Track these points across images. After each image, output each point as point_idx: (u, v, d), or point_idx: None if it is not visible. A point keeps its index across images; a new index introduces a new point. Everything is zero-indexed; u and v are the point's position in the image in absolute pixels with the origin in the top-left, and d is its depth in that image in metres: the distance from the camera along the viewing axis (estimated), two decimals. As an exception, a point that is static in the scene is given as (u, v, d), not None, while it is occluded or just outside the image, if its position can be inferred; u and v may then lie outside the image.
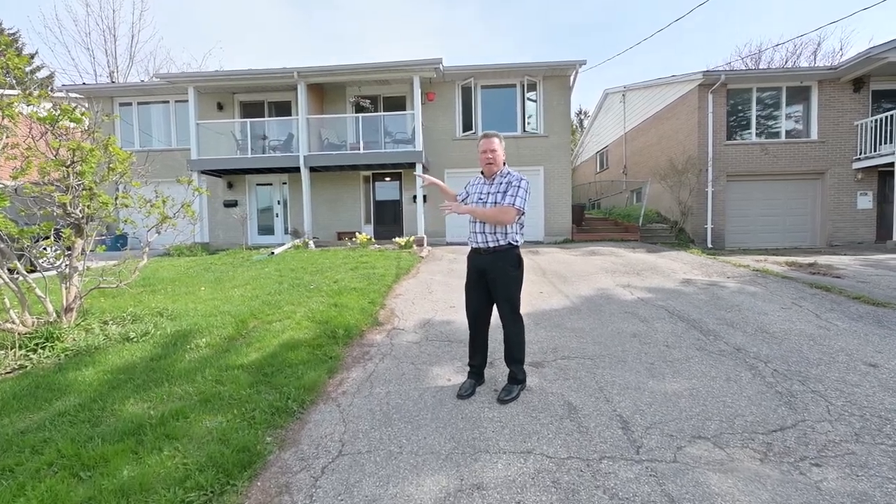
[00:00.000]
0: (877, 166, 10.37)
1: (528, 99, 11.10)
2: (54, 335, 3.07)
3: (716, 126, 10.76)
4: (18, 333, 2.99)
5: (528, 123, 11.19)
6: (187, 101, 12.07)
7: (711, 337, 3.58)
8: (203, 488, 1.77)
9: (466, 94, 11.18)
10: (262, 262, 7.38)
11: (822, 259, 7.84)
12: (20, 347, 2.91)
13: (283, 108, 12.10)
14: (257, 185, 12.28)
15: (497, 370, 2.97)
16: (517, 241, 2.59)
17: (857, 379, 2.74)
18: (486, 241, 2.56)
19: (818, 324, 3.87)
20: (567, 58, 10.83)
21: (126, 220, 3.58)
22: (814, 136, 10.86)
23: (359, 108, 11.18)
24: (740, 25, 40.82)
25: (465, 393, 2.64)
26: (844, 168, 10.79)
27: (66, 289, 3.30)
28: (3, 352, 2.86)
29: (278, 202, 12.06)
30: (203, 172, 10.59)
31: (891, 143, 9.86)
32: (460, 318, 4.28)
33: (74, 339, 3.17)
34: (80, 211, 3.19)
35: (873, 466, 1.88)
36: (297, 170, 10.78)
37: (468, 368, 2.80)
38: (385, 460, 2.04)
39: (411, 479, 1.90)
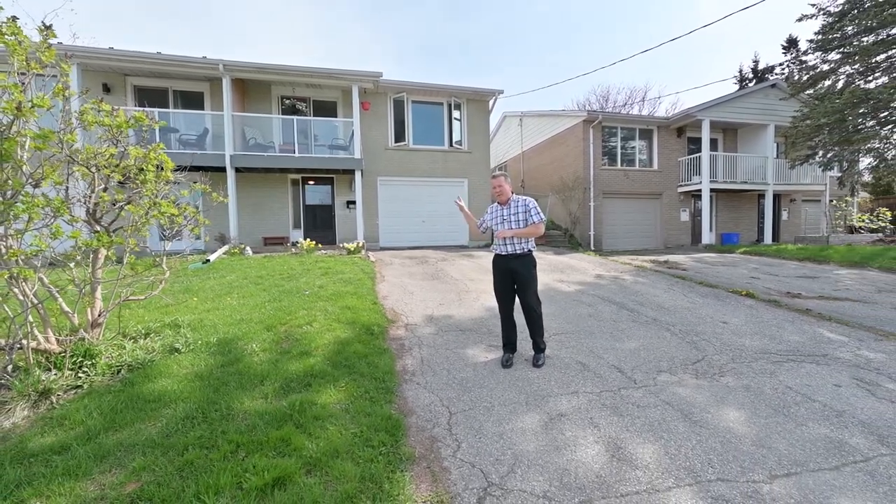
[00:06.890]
0: (690, 191, 14.60)
1: (455, 118, 12.33)
2: (90, 352, 2.85)
3: (595, 154, 13.67)
4: (52, 353, 2.71)
5: (455, 139, 12.41)
6: (56, 76, 9.94)
7: (635, 313, 5.16)
8: (384, 444, 2.29)
9: (399, 106, 11.82)
10: (205, 271, 6.85)
11: (670, 257, 10.90)
12: (60, 368, 2.67)
13: (192, 99, 10.86)
14: (157, 182, 10.71)
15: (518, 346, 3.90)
16: (534, 248, 3.61)
17: (720, 331, 4.51)
18: (515, 249, 3.54)
19: (687, 300, 5.84)
20: (488, 86, 12.40)
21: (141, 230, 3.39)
22: (655, 166, 14.68)
23: (291, 110, 10.78)
24: (597, 69, 50.05)
25: (507, 363, 3.53)
26: (673, 191, 14.84)
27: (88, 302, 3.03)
28: (55, 372, 2.59)
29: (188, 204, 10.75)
30: (90, 166, 8.89)
31: (699, 175, 14.04)
32: (455, 312, 5.10)
33: (111, 356, 2.97)
34: (135, 221, 2.96)
35: (745, 373, 3.42)
36: (215, 169, 9.92)
37: (503, 345, 3.69)
38: (487, 411, 2.80)
39: (515, 419, 2.71)
